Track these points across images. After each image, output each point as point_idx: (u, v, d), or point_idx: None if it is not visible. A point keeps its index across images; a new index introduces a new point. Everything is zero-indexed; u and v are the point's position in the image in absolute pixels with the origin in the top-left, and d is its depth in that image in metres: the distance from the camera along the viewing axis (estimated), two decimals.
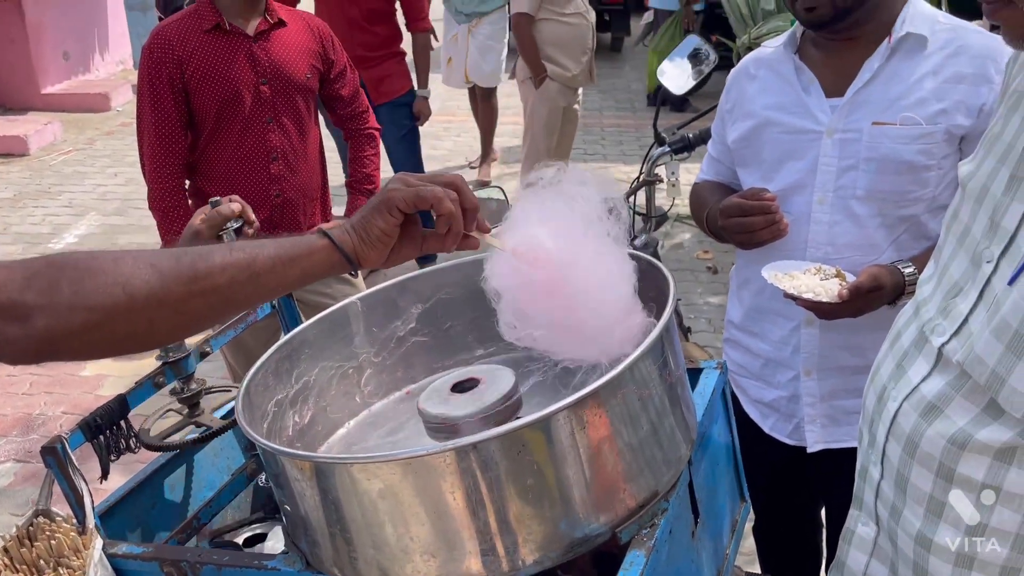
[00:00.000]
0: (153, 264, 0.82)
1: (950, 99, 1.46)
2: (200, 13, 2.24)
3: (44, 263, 0.81)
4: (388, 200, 0.91)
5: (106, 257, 0.82)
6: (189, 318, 0.86)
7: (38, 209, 5.63)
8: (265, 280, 0.88)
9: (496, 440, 0.83)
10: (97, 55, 8.72)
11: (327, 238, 0.91)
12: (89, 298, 0.79)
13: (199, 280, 0.83)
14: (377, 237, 0.92)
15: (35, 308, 0.78)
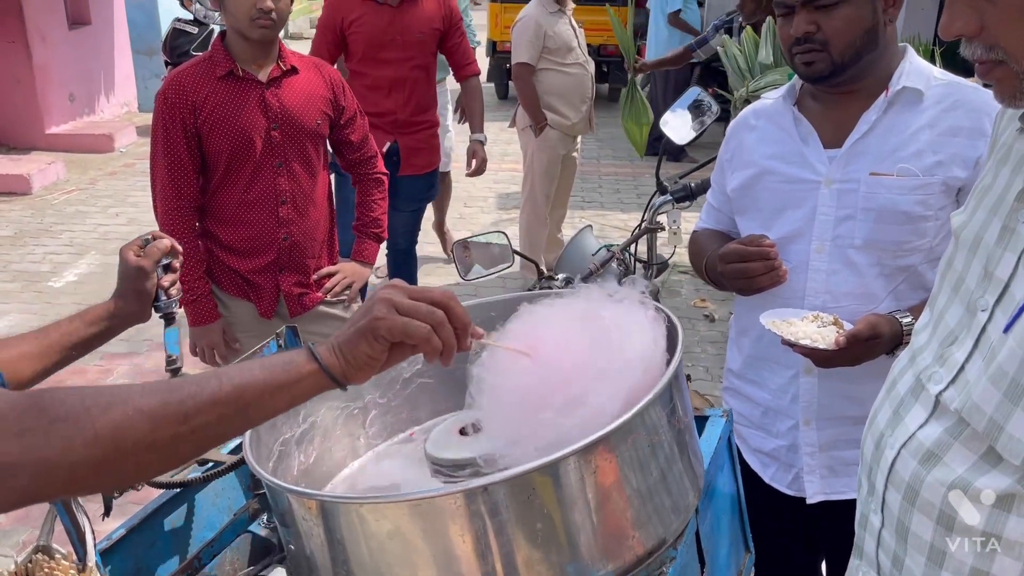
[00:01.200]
0: (142, 410, 0.80)
1: (946, 151, 1.50)
2: (214, 60, 2.28)
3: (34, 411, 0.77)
4: (374, 328, 0.89)
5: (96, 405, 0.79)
6: (178, 457, 0.84)
7: (39, 248, 5.65)
8: (253, 412, 0.86)
9: (506, 483, 0.84)
10: (102, 97, 8.84)
11: (315, 361, 0.88)
12: (77, 454, 0.77)
13: (189, 421, 0.81)
14: (363, 362, 0.89)
15: (18, 466, 0.75)
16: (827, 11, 1.49)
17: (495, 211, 6.41)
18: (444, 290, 0.93)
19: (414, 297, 0.90)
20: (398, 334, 0.88)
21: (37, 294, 4.93)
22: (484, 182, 6.91)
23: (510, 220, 6.05)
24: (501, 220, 6.15)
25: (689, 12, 7.54)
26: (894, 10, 1.53)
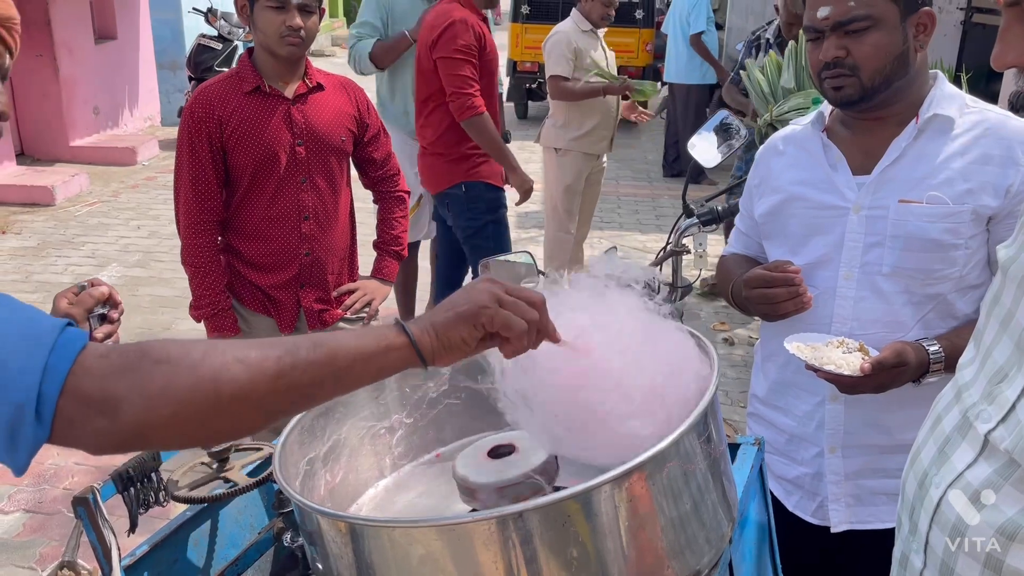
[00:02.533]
0: (240, 359, 0.83)
1: (977, 179, 1.49)
2: (242, 75, 2.30)
3: (137, 354, 0.81)
4: (476, 315, 0.92)
5: (197, 350, 0.83)
6: (270, 414, 0.86)
7: (61, 259, 5.70)
8: (343, 378, 0.88)
9: (540, 510, 0.83)
10: (126, 110, 8.95)
11: (405, 334, 0.91)
12: (178, 393, 0.79)
13: (284, 377, 0.84)
14: (456, 345, 0.92)
15: (125, 401, 0.78)
16: (857, 36, 1.48)
17: (515, 230, 6.39)
18: (539, 293, 0.97)
19: (511, 293, 0.94)
20: (499, 325, 0.92)
21: None
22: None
23: (529, 239, 6.05)
24: (520, 239, 6.15)
25: (709, 34, 7.56)
26: (925, 36, 1.52)
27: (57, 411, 0.77)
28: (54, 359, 0.77)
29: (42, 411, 0.77)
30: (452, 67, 3.31)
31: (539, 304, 0.95)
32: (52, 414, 0.77)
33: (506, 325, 0.91)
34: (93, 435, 0.79)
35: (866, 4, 1.46)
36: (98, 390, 0.78)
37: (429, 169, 3.63)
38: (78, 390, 0.77)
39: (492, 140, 3.46)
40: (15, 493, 3.20)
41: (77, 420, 0.78)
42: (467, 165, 3.53)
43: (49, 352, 0.78)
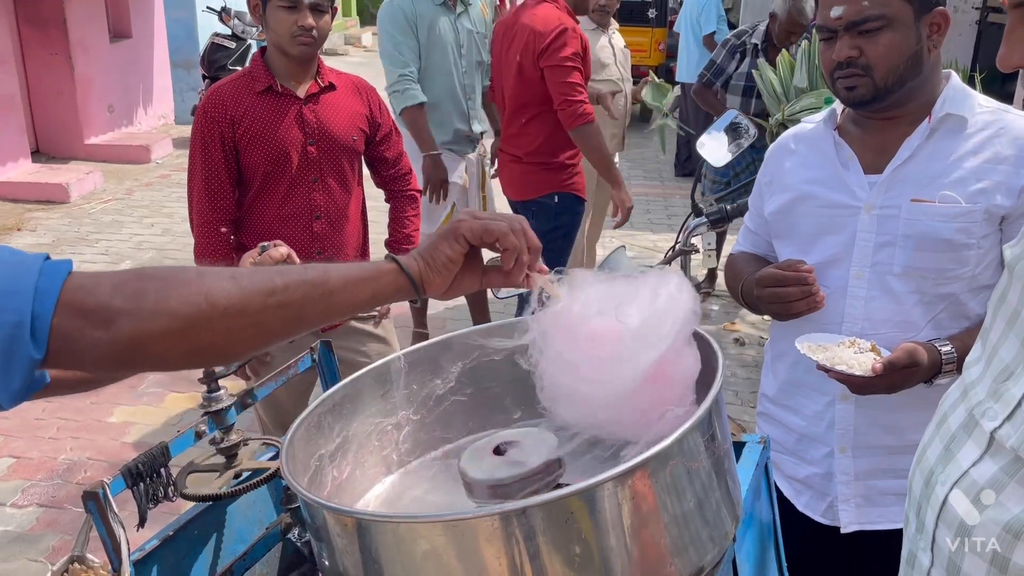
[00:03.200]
0: (234, 276, 0.86)
1: (990, 179, 1.48)
2: (254, 75, 2.32)
3: (132, 274, 0.84)
4: (455, 229, 0.96)
5: (190, 270, 0.86)
6: (263, 331, 0.88)
7: (75, 255, 5.74)
8: (337, 299, 0.91)
9: (543, 507, 0.83)
10: (140, 109, 9.01)
11: (395, 263, 0.95)
12: (172, 305, 0.82)
13: (276, 293, 0.87)
14: (443, 264, 0.96)
15: (121, 313, 0.80)
16: (870, 36, 1.47)
17: None
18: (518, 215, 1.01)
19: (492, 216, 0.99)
20: (479, 232, 0.96)
21: None
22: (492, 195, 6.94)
23: None
24: None
25: (721, 34, 7.53)
26: (938, 36, 1.51)
27: (52, 328, 0.78)
28: (44, 281, 0.79)
29: (37, 329, 0.78)
30: (563, 75, 3.20)
31: (520, 223, 0.99)
32: (47, 331, 0.78)
33: (486, 230, 0.96)
34: (90, 347, 0.80)
35: (880, 4, 1.46)
36: (93, 302, 0.80)
37: (521, 177, 3.51)
38: (73, 303, 0.79)
39: (600, 149, 3.35)
40: (29, 487, 3.23)
41: (73, 334, 0.79)
42: (563, 175, 3.44)
43: (38, 275, 0.79)
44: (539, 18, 3.25)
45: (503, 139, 3.58)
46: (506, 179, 3.63)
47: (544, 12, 3.27)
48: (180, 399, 3.86)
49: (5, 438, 3.51)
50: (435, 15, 3.64)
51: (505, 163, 3.58)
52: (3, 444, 3.49)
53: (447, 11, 3.69)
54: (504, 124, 3.53)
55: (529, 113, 3.37)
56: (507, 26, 3.44)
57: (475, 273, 1.01)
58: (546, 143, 3.37)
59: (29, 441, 3.51)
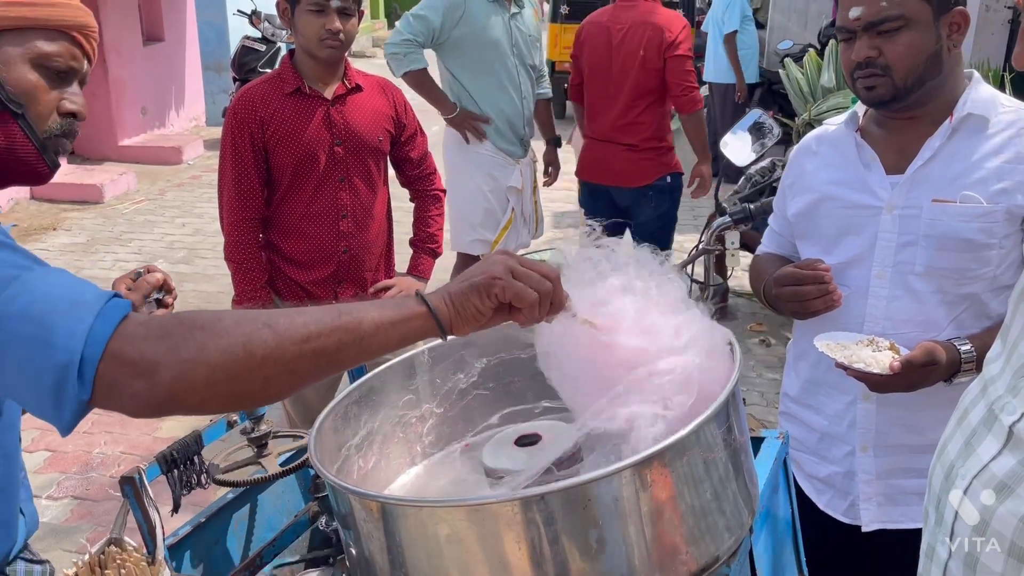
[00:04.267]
0: (270, 325, 0.88)
1: (1011, 179, 1.48)
2: (283, 77, 2.37)
3: (174, 321, 0.87)
4: (489, 285, 0.96)
5: (229, 317, 0.88)
6: (298, 377, 0.90)
7: (109, 255, 5.86)
8: (368, 343, 0.92)
9: (562, 493, 0.86)
10: (173, 111, 9.15)
11: (425, 305, 0.95)
12: (212, 356, 0.84)
13: (311, 340, 0.88)
14: (471, 315, 0.97)
15: (161, 364, 0.83)
16: (889, 36, 1.48)
17: (550, 229, 6.42)
18: (551, 266, 1.02)
19: (526, 266, 0.98)
20: (510, 296, 0.96)
21: None
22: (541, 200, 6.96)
23: (565, 239, 6.07)
24: (555, 239, 6.17)
25: (745, 33, 7.47)
26: (958, 36, 1.51)
27: (98, 374, 0.82)
28: (99, 324, 0.83)
29: (84, 373, 0.82)
30: (685, 64, 3.58)
31: (553, 277, 0.99)
32: (93, 376, 0.82)
33: (517, 296, 0.96)
34: (131, 397, 0.83)
35: (898, 4, 1.46)
36: (137, 354, 0.83)
37: (637, 164, 3.75)
38: (118, 354, 0.82)
39: (704, 132, 3.73)
40: (64, 480, 3.31)
41: (117, 382, 0.83)
42: (669, 157, 3.74)
43: (95, 318, 0.83)
44: (660, 15, 3.66)
45: (611, 130, 3.75)
46: (618, 169, 3.79)
47: (661, 9, 3.69)
48: None
49: (41, 432, 3.60)
50: (488, 13, 3.64)
51: (616, 153, 3.77)
52: (39, 438, 3.58)
53: (501, 10, 3.67)
54: (615, 116, 3.73)
55: (645, 102, 3.66)
56: (612, 24, 3.70)
57: (503, 313, 1.00)
58: (658, 129, 3.69)
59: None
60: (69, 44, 1.11)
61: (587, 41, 3.80)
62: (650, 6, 3.69)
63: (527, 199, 3.98)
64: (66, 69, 1.12)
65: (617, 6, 3.76)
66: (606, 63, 3.71)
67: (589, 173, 3.93)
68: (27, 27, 1.07)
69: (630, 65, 3.63)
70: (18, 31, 1.07)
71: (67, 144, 1.14)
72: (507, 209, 3.85)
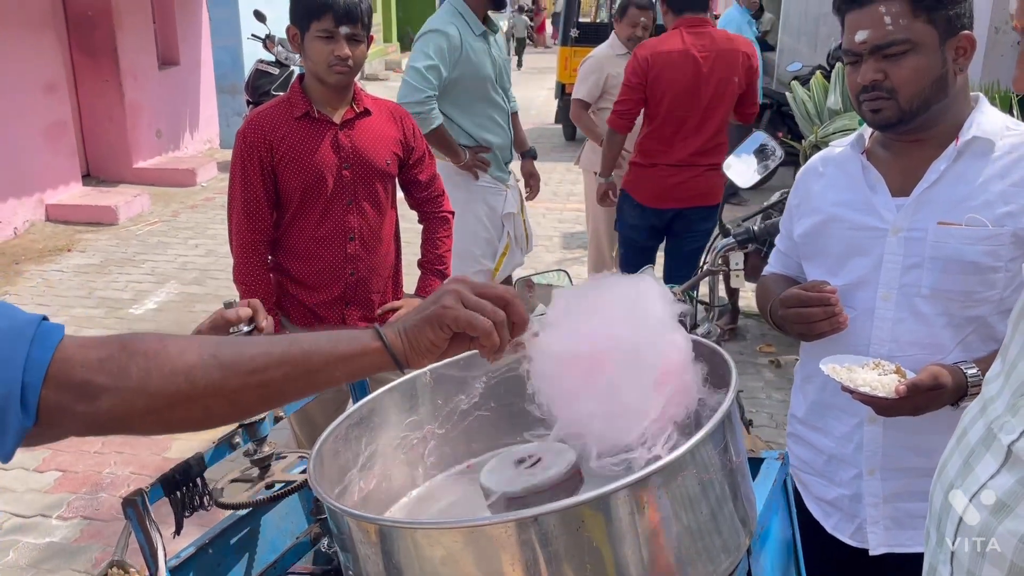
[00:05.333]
0: (215, 355, 0.87)
1: (1017, 202, 1.48)
2: (292, 101, 2.40)
3: (118, 346, 0.86)
4: (440, 316, 0.94)
5: (174, 346, 0.88)
6: (241, 408, 0.91)
7: (122, 276, 5.91)
8: (316, 377, 0.92)
9: (557, 514, 0.86)
10: (187, 134, 9.27)
11: (380, 340, 0.94)
12: (153, 385, 0.85)
13: (256, 373, 0.88)
14: (426, 347, 0.95)
15: (104, 389, 0.83)
16: (895, 60, 1.49)
17: (559, 250, 6.46)
18: (507, 288, 0.99)
19: (479, 293, 0.96)
20: (463, 325, 0.94)
21: (119, 320, 5.15)
22: (549, 222, 7.00)
23: (574, 260, 6.09)
24: (565, 260, 6.19)
25: None
26: (964, 59, 1.52)
27: (41, 399, 0.82)
28: (35, 351, 0.82)
29: (27, 400, 0.81)
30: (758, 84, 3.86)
31: (508, 299, 0.97)
32: (36, 403, 0.82)
33: (470, 325, 0.94)
34: (75, 420, 0.84)
35: (904, 28, 1.47)
36: (79, 377, 0.83)
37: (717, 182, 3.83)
38: (60, 377, 0.83)
39: None
40: (73, 500, 3.33)
41: (60, 407, 0.83)
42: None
43: (29, 344, 0.82)
44: (739, 40, 3.87)
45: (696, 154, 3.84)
46: (704, 190, 3.90)
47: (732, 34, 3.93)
48: None
49: (52, 452, 3.62)
50: (479, 50, 3.64)
51: (700, 175, 3.88)
52: (50, 458, 3.60)
53: (486, 43, 3.69)
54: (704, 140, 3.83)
55: (716, 123, 3.84)
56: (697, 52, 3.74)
57: (462, 342, 0.98)
58: (726, 148, 3.73)
59: (75, 455, 3.61)
60: None
61: (665, 71, 3.77)
62: (718, 32, 3.85)
63: (519, 222, 4.01)
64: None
65: (688, 32, 3.77)
66: (694, 89, 3.75)
67: (664, 200, 3.94)
68: None
69: (724, 91, 3.75)
70: None
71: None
72: (503, 235, 3.87)
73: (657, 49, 3.82)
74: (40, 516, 3.23)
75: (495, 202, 3.81)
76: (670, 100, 3.78)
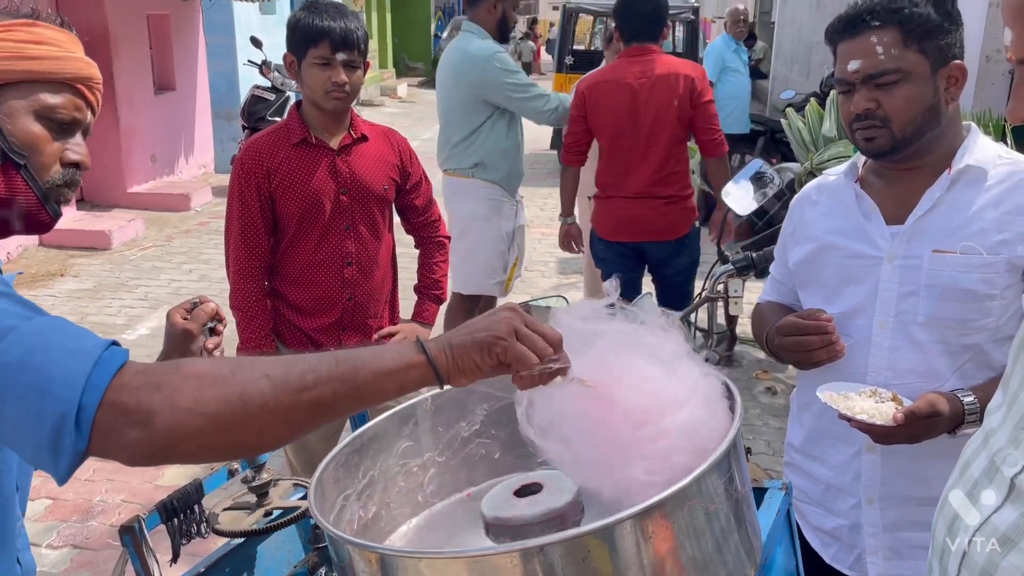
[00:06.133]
0: (267, 375, 0.88)
1: (1011, 230, 1.49)
2: (290, 127, 2.41)
3: (172, 369, 0.87)
4: (492, 344, 0.95)
5: (226, 367, 0.88)
6: (293, 426, 0.91)
7: (115, 301, 5.89)
8: (365, 392, 0.93)
9: (562, 544, 0.85)
10: (182, 158, 9.28)
11: (424, 354, 0.95)
12: (208, 405, 0.85)
13: (307, 390, 0.89)
14: (470, 369, 0.96)
15: (158, 413, 0.83)
16: (887, 89, 1.51)
17: (555, 275, 6.47)
18: (555, 331, 1.00)
19: (531, 328, 0.97)
20: (512, 358, 0.96)
21: None
22: (544, 247, 7.01)
23: (570, 285, 6.09)
24: (561, 285, 6.19)
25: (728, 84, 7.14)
26: (956, 89, 1.54)
27: (95, 422, 0.82)
28: (96, 373, 0.83)
29: (81, 421, 0.82)
30: (711, 109, 3.56)
31: (555, 342, 0.98)
32: (90, 425, 0.82)
33: (519, 359, 0.95)
34: (128, 446, 0.84)
35: (896, 58, 1.49)
36: (134, 402, 0.83)
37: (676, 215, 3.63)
38: (115, 402, 0.83)
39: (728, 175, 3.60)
40: (63, 528, 3.29)
41: (113, 431, 0.83)
42: (692, 202, 3.70)
43: (93, 366, 0.83)
44: (684, 64, 3.66)
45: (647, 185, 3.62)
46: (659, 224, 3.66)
47: (677, 60, 3.72)
48: None
49: (42, 480, 3.56)
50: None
51: (654, 208, 3.64)
52: (40, 485, 3.55)
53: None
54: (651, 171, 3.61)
55: (679, 153, 3.62)
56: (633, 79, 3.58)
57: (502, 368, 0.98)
58: (685, 179, 3.63)
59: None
60: (73, 96, 1.12)
61: (602, 101, 3.65)
62: (663, 57, 3.62)
63: (524, 235, 4.13)
64: (70, 121, 1.12)
65: (627, 61, 3.64)
66: (633, 119, 3.58)
67: (620, 233, 3.73)
68: (31, 80, 1.08)
69: (664, 118, 3.54)
70: (22, 84, 1.08)
71: (69, 193, 1.15)
72: (512, 247, 3.96)
73: (594, 80, 3.73)
74: (30, 544, 3.18)
75: (510, 215, 3.94)
76: (610, 130, 3.64)
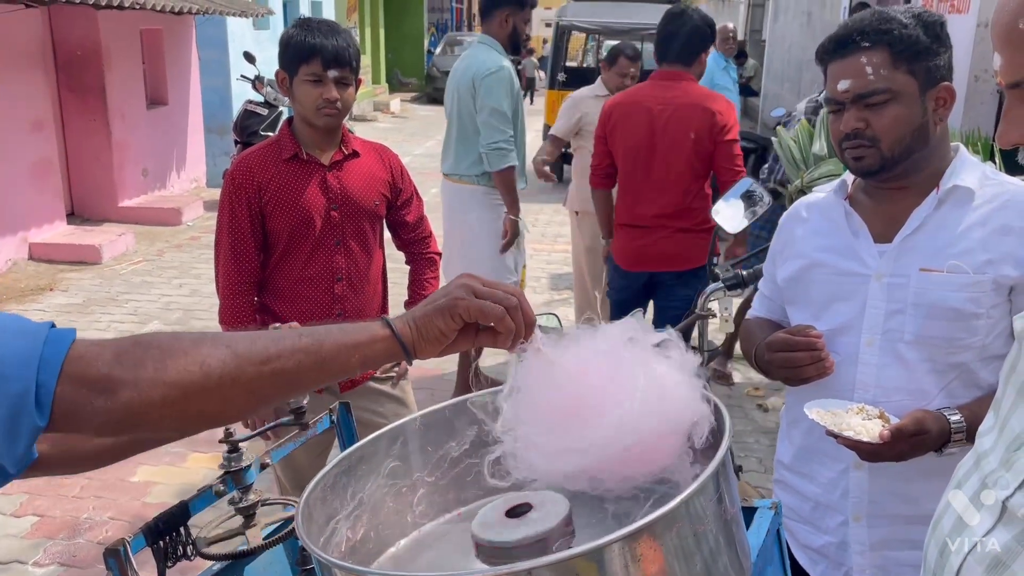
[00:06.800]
0: (229, 346, 0.89)
1: (997, 250, 1.50)
2: (281, 143, 2.41)
3: (131, 342, 0.87)
4: (452, 306, 0.97)
5: (187, 338, 0.89)
6: (258, 397, 0.91)
7: (104, 315, 5.86)
8: (328, 365, 0.93)
9: (550, 568, 0.85)
10: (174, 172, 9.27)
11: (389, 328, 0.97)
12: (170, 374, 0.85)
13: (270, 362, 0.89)
14: (435, 336, 0.98)
15: (121, 382, 0.84)
16: (876, 109, 1.52)
17: (547, 291, 6.47)
18: (514, 286, 1.02)
19: (488, 285, 0.99)
20: (475, 314, 0.97)
21: None
22: (537, 263, 7.01)
23: (562, 301, 6.10)
24: (553, 301, 6.20)
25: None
26: (944, 110, 1.55)
27: (56, 397, 0.82)
28: (48, 350, 0.83)
29: (41, 399, 0.81)
30: (734, 148, 3.44)
31: (517, 293, 1.00)
32: (51, 400, 0.82)
33: (481, 312, 0.97)
34: (92, 416, 0.83)
35: (885, 78, 1.51)
36: (95, 372, 0.83)
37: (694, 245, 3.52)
38: (75, 374, 0.83)
39: None
40: (50, 546, 3.25)
41: (76, 402, 0.83)
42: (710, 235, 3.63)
43: (43, 344, 0.83)
44: (710, 97, 3.50)
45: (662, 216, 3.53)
46: (672, 254, 3.57)
47: (706, 91, 3.55)
48: (202, 459, 3.89)
49: (30, 496, 3.55)
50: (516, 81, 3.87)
51: (668, 238, 3.55)
52: (28, 502, 3.52)
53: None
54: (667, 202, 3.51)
55: (698, 186, 3.51)
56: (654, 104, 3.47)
57: (468, 336, 1.01)
58: (705, 213, 3.45)
59: (52, 499, 3.54)
60: None
61: (621, 122, 3.55)
62: (691, 86, 3.48)
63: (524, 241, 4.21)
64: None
65: (654, 84, 3.53)
66: (648, 144, 3.48)
67: (632, 262, 3.65)
68: None
69: (679, 148, 3.42)
70: None
71: None
72: (521, 250, 4.07)
73: (618, 100, 3.66)
74: (16, 562, 3.15)
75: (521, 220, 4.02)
76: (624, 152, 3.57)
